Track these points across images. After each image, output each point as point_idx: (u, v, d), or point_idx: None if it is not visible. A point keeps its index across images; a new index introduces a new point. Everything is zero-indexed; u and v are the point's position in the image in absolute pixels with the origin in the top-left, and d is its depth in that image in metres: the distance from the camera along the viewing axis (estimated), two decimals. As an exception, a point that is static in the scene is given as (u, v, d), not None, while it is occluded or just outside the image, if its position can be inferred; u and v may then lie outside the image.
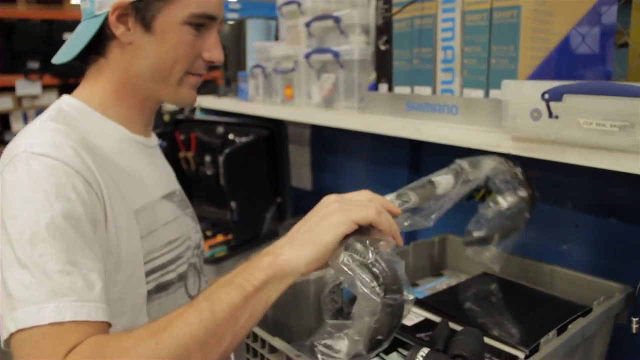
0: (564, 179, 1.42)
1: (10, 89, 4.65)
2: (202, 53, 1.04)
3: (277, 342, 0.90)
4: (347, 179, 2.22)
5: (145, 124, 1.11)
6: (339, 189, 2.27)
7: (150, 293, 1.00)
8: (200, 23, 1.01)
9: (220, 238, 2.05)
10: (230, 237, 1.95)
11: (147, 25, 0.98)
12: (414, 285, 1.28)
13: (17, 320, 0.76)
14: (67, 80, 4.76)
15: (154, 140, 1.16)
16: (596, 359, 1.07)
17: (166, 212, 1.08)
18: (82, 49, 1.00)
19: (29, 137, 0.89)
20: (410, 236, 1.88)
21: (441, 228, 1.47)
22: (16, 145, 0.89)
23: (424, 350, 0.77)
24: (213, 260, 1.84)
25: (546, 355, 0.86)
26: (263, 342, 0.92)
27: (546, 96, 0.94)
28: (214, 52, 1.05)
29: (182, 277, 1.09)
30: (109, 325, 0.81)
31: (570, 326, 0.94)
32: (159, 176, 1.12)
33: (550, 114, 0.95)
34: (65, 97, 1.03)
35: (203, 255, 1.25)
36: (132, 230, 0.96)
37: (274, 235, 2.07)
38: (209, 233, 2.08)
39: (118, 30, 0.98)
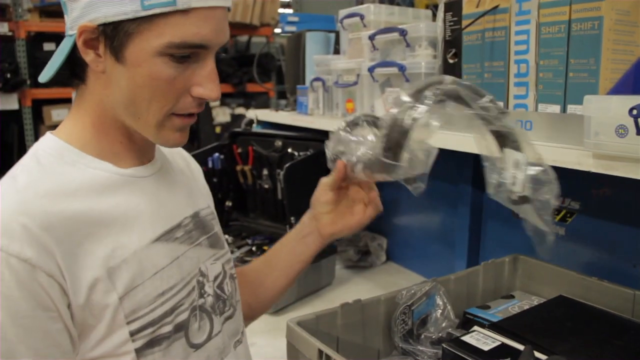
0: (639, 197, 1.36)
1: (67, 101, 4.76)
2: (191, 88, 0.86)
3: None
4: (405, 195, 2.17)
5: (139, 153, 0.95)
6: (397, 205, 2.26)
7: (139, 350, 0.88)
8: (183, 55, 0.83)
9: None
10: (288, 252, 1.93)
11: (116, 54, 0.82)
12: (486, 307, 1.23)
13: None
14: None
15: (156, 164, 0.99)
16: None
17: (157, 258, 0.92)
18: (55, 71, 0.87)
19: None
20: (476, 257, 1.83)
21: (509, 248, 1.44)
22: None
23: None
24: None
25: (637, 388, 0.81)
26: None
27: (634, 112, 0.90)
28: (207, 88, 0.86)
29: (180, 328, 0.94)
30: None
31: (662, 357, 0.89)
32: (155, 212, 0.95)
33: (639, 131, 0.90)
34: (45, 139, 0.91)
35: (226, 285, 1.07)
36: (103, 293, 0.84)
37: (331, 251, 2.05)
38: (266, 248, 2.07)
39: (87, 56, 0.83)
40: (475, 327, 1.06)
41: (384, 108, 1.60)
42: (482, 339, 1.00)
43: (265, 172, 2.21)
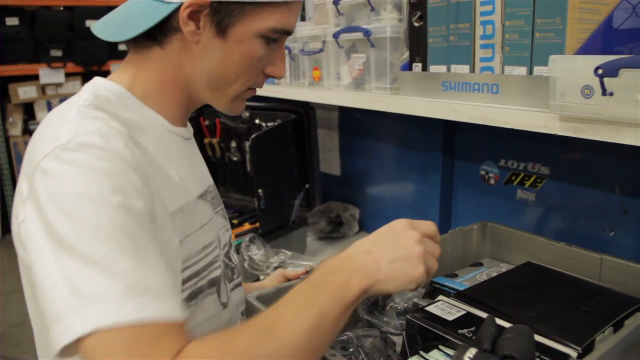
0: (610, 161, 1.35)
1: (34, 78, 4.66)
2: (267, 67, 0.97)
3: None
4: (377, 164, 2.17)
5: (186, 117, 1.03)
6: (369, 174, 2.25)
7: (183, 302, 0.89)
8: (275, 38, 0.94)
9: (247, 226, 2.00)
10: (257, 225, 1.90)
11: (222, 30, 0.89)
12: (453, 275, 1.22)
13: (92, 320, 0.67)
14: (90, 67, 4.77)
15: (190, 130, 1.06)
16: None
17: (202, 213, 1.00)
18: (139, 33, 0.90)
19: (70, 126, 0.80)
20: (447, 224, 1.83)
21: (480, 215, 1.42)
22: (55, 135, 0.80)
23: (472, 351, 0.71)
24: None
25: (603, 354, 0.79)
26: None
27: (600, 71, 0.87)
28: (278, 67, 0.98)
29: (213, 284, 1.00)
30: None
31: (627, 321, 0.87)
32: (195, 172, 1.03)
33: (604, 91, 0.88)
34: (100, 80, 0.93)
35: (232, 254, 1.15)
36: (171, 233, 0.88)
37: (302, 222, 2.03)
38: (235, 221, 2.04)
39: (187, 27, 0.89)
40: (440, 297, 1.04)
41: (350, 75, 1.57)
42: (447, 309, 0.98)
43: (233, 144, 2.17)
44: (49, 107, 4.85)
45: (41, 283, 0.72)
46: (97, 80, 0.94)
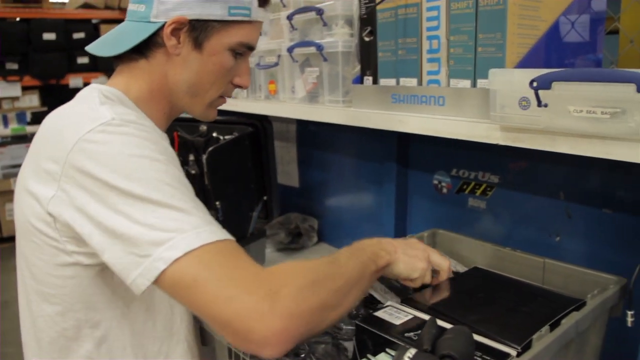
0: (555, 169, 1.41)
1: (-10, 91, 4.61)
2: (234, 78, 1.15)
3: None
4: (334, 176, 2.21)
5: (167, 125, 1.18)
6: (327, 186, 2.27)
7: None
8: (241, 52, 1.12)
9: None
10: (215, 237, 1.92)
11: (198, 44, 1.07)
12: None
13: (179, 247, 0.81)
14: (47, 81, 4.72)
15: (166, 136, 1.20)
16: (591, 354, 1.05)
17: None
18: (127, 49, 1.06)
19: (106, 109, 0.96)
20: (402, 233, 1.87)
21: (433, 223, 1.47)
22: (92, 116, 0.94)
23: (411, 352, 0.75)
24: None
25: (539, 351, 0.84)
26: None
27: (535, 84, 0.93)
28: (244, 79, 1.17)
29: None
30: None
31: (563, 321, 0.92)
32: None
33: (539, 103, 0.93)
34: (98, 85, 1.07)
35: None
36: None
37: (261, 234, 2.05)
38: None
39: (170, 42, 1.06)
40: (389, 302, 1.08)
41: (304, 89, 1.60)
42: (395, 314, 1.02)
43: (191, 157, 2.18)
44: (5, 121, 4.79)
45: (116, 234, 0.85)
46: (95, 85, 1.07)
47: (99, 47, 1.12)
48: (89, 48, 1.12)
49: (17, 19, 4.65)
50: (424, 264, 1.10)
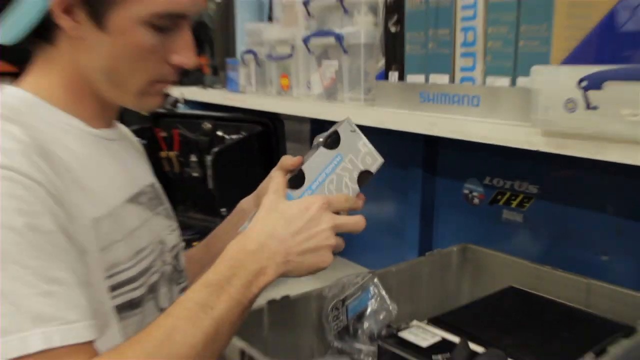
0: (603, 179, 1.40)
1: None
2: (170, 56, 0.97)
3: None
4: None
5: (108, 115, 1.05)
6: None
7: (120, 310, 0.97)
8: (165, 25, 0.93)
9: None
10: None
11: (99, 21, 0.90)
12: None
13: (2, 351, 0.75)
14: (22, 66, 4.73)
15: (119, 131, 1.10)
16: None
17: (132, 218, 1.03)
18: (22, 32, 0.92)
19: None
20: (428, 247, 1.86)
21: (463, 237, 1.47)
22: None
23: (443, 376, 0.75)
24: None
25: (583, 382, 0.84)
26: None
27: (583, 84, 0.92)
28: (184, 56, 0.98)
29: (152, 289, 1.05)
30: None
31: (610, 348, 0.92)
32: (123, 175, 1.06)
33: (588, 105, 0.92)
34: (8, 89, 0.96)
35: (181, 257, 1.19)
36: (90, 243, 0.91)
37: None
38: (195, 244, 2.06)
39: (63, 22, 0.90)
40: (414, 322, 1.08)
41: (321, 84, 1.61)
42: (421, 334, 1.02)
43: (193, 158, 2.19)
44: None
45: None
46: (4, 89, 0.96)
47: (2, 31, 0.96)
48: None
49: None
50: (328, 257, 0.94)
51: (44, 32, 0.93)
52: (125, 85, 0.97)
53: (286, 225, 0.92)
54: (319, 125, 2.29)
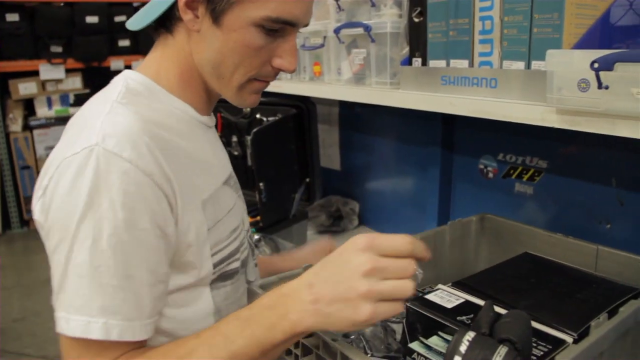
0: (607, 154, 1.37)
1: (34, 74, 4.68)
2: (272, 59, 0.95)
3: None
4: (376, 159, 2.19)
5: (210, 105, 1.04)
6: (369, 169, 2.26)
7: (214, 281, 0.98)
8: (274, 28, 0.91)
9: (249, 220, 2.02)
10: (258, 218, 1.92)
11: (216, 17, 0.89)
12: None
13: (67, 327, 0.80)
14: (90, 63, 4.78)
15: (213, 119, 1.08)
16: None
17: (227, 199, 1.04)
18: (149, 23, 0.96)
19: (103, 124, 0.84)
20: (446, 218, 1.85)
21: (478, 209, 1.44)
22: (88, 130, 0.84)
23: (470, 334, 0.73)
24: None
25: (597, 339, 0.82)
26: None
27: (596, 65, 0.89)
28: (286, 60, 0.95)
29: (244, 264, 1.07)
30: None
31: (622, 309, 0.90)
32: (219, 159, 1.08)
33: (600, 85, 0.90)
34: (130, 73, 0.97)
35: (251, 237, 1.20)
36: (200, 223, 0.92)
37: (302, 216, 2.05)
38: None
39: (186, 15, 0.91)
40: (440, 285, 1.06)
41: (350, 70, 1.59)
42: (446, 297, 1.00)
43: (234, 138, 2.19)
44: (49, 103, 4.87)
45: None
46: (127, 73, 0.97)
47: (131, 21, 1.00)
48: (128, 23, 1.01)
49: (62, 3, 4.70)
50: (363, 309, 0.72)
51: (166, 22, 0.96)
52: (228, 78, 0.94)
53: (321, 268, 0.78)
54: (347, 109, 2.27)
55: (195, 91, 0.99)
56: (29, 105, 4.87)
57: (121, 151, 0.81)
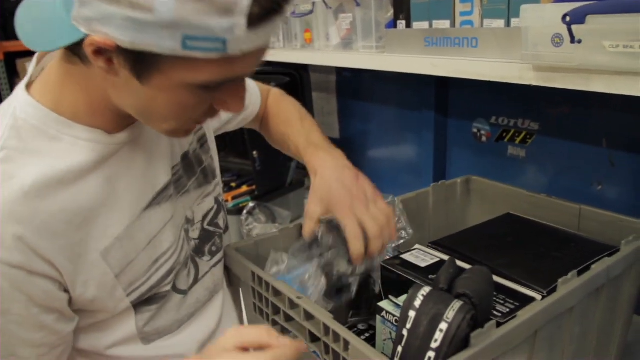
0: (597, 115, 1.35)
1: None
2: (217, 105, 0.80)
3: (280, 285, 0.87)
4: (374, 126, 2.17)
5: (129, 120, 0.85)
6: (366, 136, 2.24)
7: (139, 306, 0.91)
8: (215, 86, 0.74)
9: (244, 189, 2.03)
10: (254, 187, 1.93)
11: (138, 75, 0.71)
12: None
13: None
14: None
15: (137, 129, 0.89)
16: (626, 303, 1.01)
17: (150, 226, 0.90)
18: (56, 49, 0.78)
19: None
20: (438, 180, 1.83)
21: (472, 172, 1.43)
22: None
23: (425, 290, 0.73)
24: (237, 211, 1.82)
25: (564, 295, 0.80)
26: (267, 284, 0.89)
27: (567, 19, 0.87)
28: (232, 107, 0.80)
29: (174, 286, 0.96)
30: None
31: (594, 266, 0.88)
32: (147, 171, 0.91)
33: (573, 39, 0.87)
34: (22, 103, 0.81)
35: (218, 221, 1.07)
36: (101, 275, 0.84)
37: (299, 184, 2.05)
38: (233, 184, 2.06)
39: (97, 62, 0.70)
40: (417, 245, 1.06)
41: (338, 35, 1.57)
42: (422, 256, 1.00)
43: (231, 108, 2.18)
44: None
45: None
46: (18, 103, 0.81)
47: (29, 35, 0.76)
48: (21, 34, 0.77)
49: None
50: None
51: (79, 51, 0.72)
52: (159, 125, 0.81)
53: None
54: (344, 76, 2.25)
55: (108, 119, 0.83)
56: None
57: None
